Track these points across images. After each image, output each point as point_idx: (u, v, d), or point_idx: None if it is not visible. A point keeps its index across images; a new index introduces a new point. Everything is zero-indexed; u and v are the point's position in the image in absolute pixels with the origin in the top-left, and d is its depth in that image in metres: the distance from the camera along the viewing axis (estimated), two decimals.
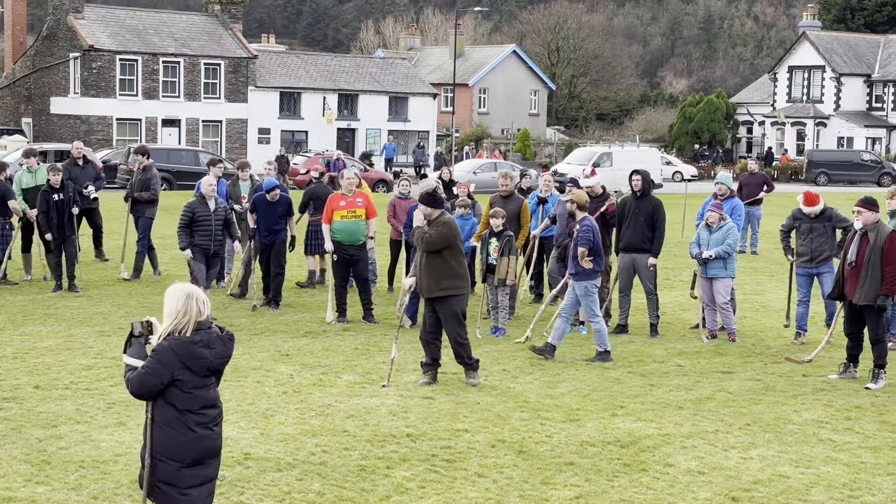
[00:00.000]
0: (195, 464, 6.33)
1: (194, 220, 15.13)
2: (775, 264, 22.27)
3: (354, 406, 10.76)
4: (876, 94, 74.91)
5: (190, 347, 6.22)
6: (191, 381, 6.25)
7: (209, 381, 6.35)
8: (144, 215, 18.58)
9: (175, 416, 6.27)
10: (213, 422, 6.38)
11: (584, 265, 12.84)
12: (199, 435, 6.30)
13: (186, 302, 6.25)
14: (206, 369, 6.29)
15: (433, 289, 11.68)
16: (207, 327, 6.32)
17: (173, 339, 6.24)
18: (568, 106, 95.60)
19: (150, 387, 6.22)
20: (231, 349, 6.40)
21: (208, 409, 6.35)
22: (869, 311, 12.04)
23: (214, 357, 6.30)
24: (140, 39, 55.64)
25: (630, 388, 11.78)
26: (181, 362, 6.21)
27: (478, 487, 8.56)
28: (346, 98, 62.08)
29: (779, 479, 8.91)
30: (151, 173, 18.54)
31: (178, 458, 6.29)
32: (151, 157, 19.15)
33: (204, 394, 6.32)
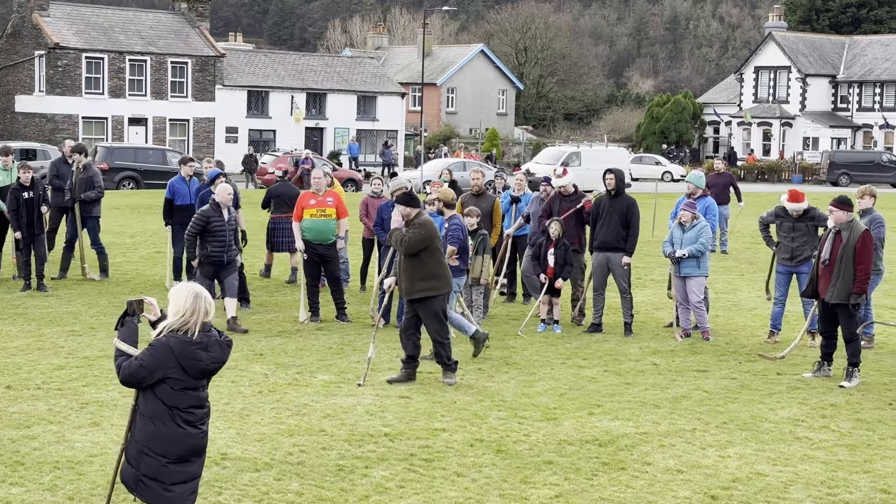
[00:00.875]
0: (181, 460, 6.28)
1: (207, 230, 14.09)
2: (745, 263, 22.37)
3: (331, 405, 10.70)
4: (841, 94, 75.55)
5: (188, 348, 6.17)
6: (182, 380, 6.20)
7: (200, 382, 6.30)
8: (92, 215, 18.13)
9: (163, 411, 6.22)
10: (201, 421, 6.34)
11: (451, 262, 12.74)
12: (186, 432, 6.25)
13: (195, 301, 6.19)
14: (199, 371, 6.25)
15: (411, 290, 11.65)
16: (208, 330, 6.27)
17: (173, 336, 6.19)
18: (536, 106, 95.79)
19: (140, 378, 6.18)
20: (227, 355, 6.38)
21: (196, 408, 6.31)
22: (842, 310, 12.09)
23: (210, 361, 6.25)
24: (106, 37, 55.23)
25: (606, 387, 11.78)
26: (176, 361, 6.15)
27: (457, 487, 8.52)
28: (315, 97, 61.91)
29: (757, 477, 8.93)
30: (93, 171, 18.22)
31: (163, 454, 6.24)
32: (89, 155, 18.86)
33: (193, 394, 6.28)
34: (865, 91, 74.46)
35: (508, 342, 14.01)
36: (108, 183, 40.06)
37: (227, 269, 14.34)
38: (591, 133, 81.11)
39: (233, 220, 14.50)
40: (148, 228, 25.11)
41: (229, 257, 14.35)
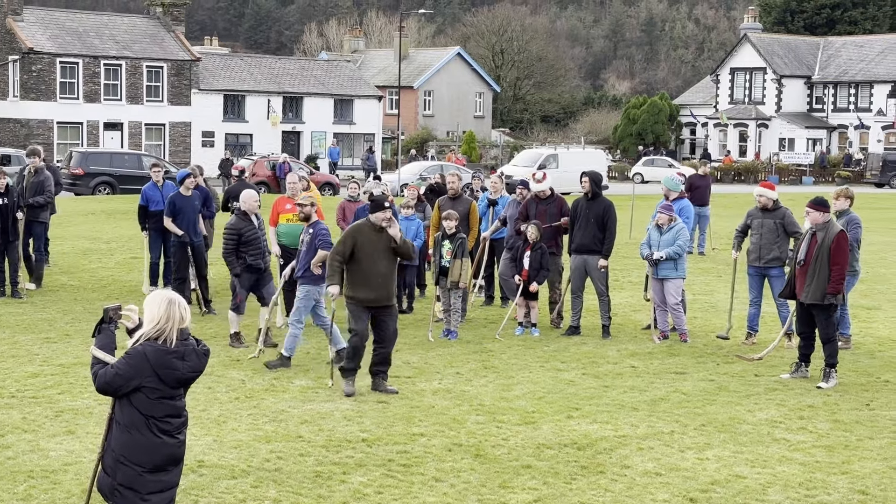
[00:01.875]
0: (157, 469, 6.22)
1: (242, 241, 13.44)
2: (723, 265, 22.41)
3: (308, 411, 10.64)
4: (816, 95, 75.96)
5: (164, 357, 6.10)
6: (158, 389, 6.13)
7: (177, 392, 6.23)
8: (38, 220, 17.59)
9: (139, 419, 6.15)
10: (177, 430, 6.27)
11: (315, 270, 12.41)
12: (162, 441, 6.19)
13: (168, 307, 6.13)
14: (175, 381, 6.17)
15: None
16: (185, 338, 6.20)
17: (149, 345, 6.12)
18: (513, 108, 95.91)
19: (115, 387, 6.12)
20: (204, 364, 6.30)
21: (173, 417, 6.23)
22: (818, 311, 12.12)
23: (186, 370, 6.18)
24: (81, 42, 54.95)
25: (584, 390, 11.76)
26: (153, 370, 6.09)
27: (435, 492, 8.48)
28: (291, 101, 61.79)
29: (735, 479, 8.92)
30: (44, 175, 17.83)
31: (139, 463, 6.18)
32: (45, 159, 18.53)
33: (170, 403, 6.21)
34: (840, 92, 74.89)
35: (486, 346, 13.98)
36: (83, 188, 40.00)
37: (263, 277, 13.71)
38: (569, 135, 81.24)
39: (262, 226, 13.90)
40: (123, 234, 24.96)
41: (265, 263, 13.75)
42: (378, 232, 11.39)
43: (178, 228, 15.98)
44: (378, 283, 11.29)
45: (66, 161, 41.80)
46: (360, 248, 11.28)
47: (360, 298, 11.31)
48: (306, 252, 12.59)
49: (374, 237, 11.36)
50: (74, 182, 40.30)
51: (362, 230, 11.43)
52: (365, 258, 11.28)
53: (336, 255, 11.35)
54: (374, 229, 11.40)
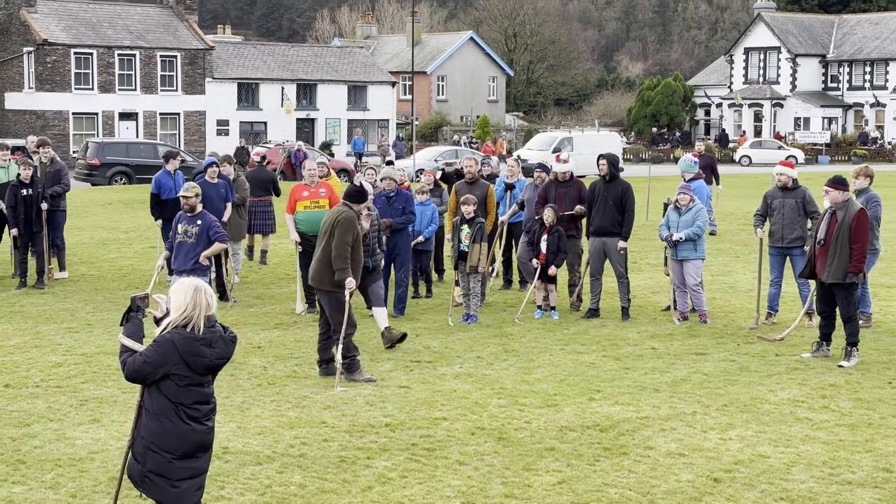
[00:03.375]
0: (186, 456, 6.29)
1: None
2: (741, 245, 22.37)
3: (331, 397, 10.68)
4: (831, 73, 75.57)
5: (192, 344, 6.16)
6: (187, 376, 6.19)
7: (205, 378, 6.30)
8: (59, 209, 17.60)
9: (168, 407, 6.22)
10: (206, 417, 6.34)
11: (203, 262, 12.13)
12: (191, 428, 6.25)
13: (195, 295, 6.20)
14: (204, 368, 6.24)
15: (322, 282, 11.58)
16: (212, 325, 6.25)
17: (177, 332, 6.18)
18: (526, 92, 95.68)
19: (144, 375, 6.19)
20: (232, 350, 6.38)
21: (201, 404, 6.30)
22: (839, 290, 12.10)
23: (214, 357, 6.25)
24: (94, 32, 55.04)
25: (605, 372, 11.78)
26: (181, 357, 6.15)
27: (460, 475, 8.51)
28: (305, 88, 61.77)
29: (759, 458, 8.93)
30: (60, 164, 17.82)
31: (169, 450, 6.24)
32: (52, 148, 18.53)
33: (198, 390, 6.27)
34: (856, 70, 74.48)
35: (506, 329, 14.00)
36: (100, 178, 40.12)
37: (371, 275, 13.00)
38: (582, 118, 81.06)
39: (375, 221, 13.29)
40: (141, 223, 25.04)
41: (374, 262, 13.00)
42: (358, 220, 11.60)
43: None
44: (359, 270, 11.54)
45: (83, 151, 41.90)
46: (356, 239, 11.45)
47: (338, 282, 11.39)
48: (195, 244, 12.04)
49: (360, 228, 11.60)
50: (91, 172, 40.42)
51: (356, 219, 11.52)
52: (357, 247, 11.46)
53: (348, 246, 11.33)
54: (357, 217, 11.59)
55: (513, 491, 8.20)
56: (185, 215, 12.33)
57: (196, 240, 12.08)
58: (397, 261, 14.97)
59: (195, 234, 12.10)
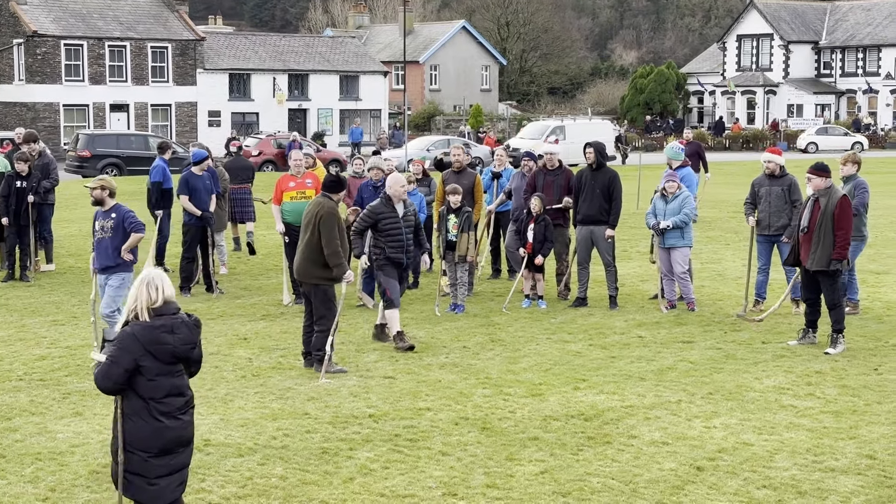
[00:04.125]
0: (164, 453, 6.24)
1: (378, 229, 12.31)
2: (730, 233, 22.35)
3: (315, 388, 10.64)
4: (824, 60, 75.55)
5: (152, 332, 6.12)
6: (154, 367, 6.14)
7: (174, 368, 6.24)
8: (48, 202, 17.52)
9: (141, 405, 6.17)
10: (180, 411, 6.27)
11: (125, 256, 11.43)
12: (164, 425, 6.19)
13: (138, 288, 6.18)
14: (170, 355, 6.19)
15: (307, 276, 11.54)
16: (172, 313, 6.20)
17: (136, 324, 6.15)
18: (519, 81, 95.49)
19: (115, 377, 6.12)
20: (196, 335, 6.33)
21: (174, 397, 6.24)
22: (823, 277, 12.07)
23: (178, 343, 6.19)
24: (84, 24, 54.88)
25: (591, 361, 11.75)
26: (144, 348, 6.10)
27: (442, 466, 8.48)
28: (297, 78, 61.65)
29: (743, 446, 8.91)
30: (48, 158, 17.72)
31: (145, 448, 6.20)
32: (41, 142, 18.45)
33: (169, 381, 6.22)
34: (848, 56, 74.46)
35: (493, 319, 13.96)
36: (90, 170, 39.98)
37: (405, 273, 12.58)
38: (576, 107, 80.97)
39: (410, 215, 12.49)
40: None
41: (408, 259, 12.44)
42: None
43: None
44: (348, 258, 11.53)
45: (73, 143, 41.79)
46: (339, 229, 11.35)
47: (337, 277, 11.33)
48: (112, 238, 11.40)
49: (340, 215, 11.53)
50: (81, 164, 40.33)
51: (336, 210, 11.46)
52: (342, 235, 11.40)
53: (338, 240, 11.27)
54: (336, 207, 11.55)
55: (495, 481, 8.17)
56: (101, 211, 11.60)
57: (112, 234, 11.40)
58: None
59: (111, 229, 11.41)
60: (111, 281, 11.50)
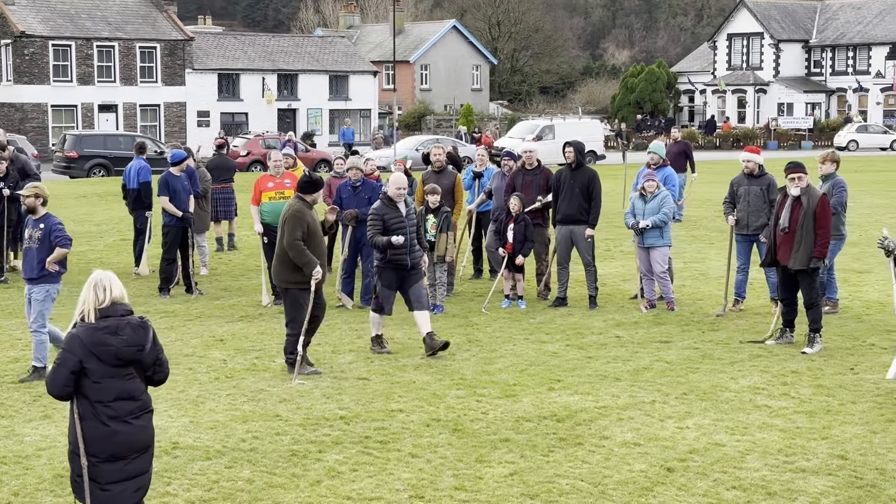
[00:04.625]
0: (116, 458, 6.13)
1: (386, 230, 11.96)
2: (715, 232, 22.30)
3: (287, 390, 10.58)
4: (814, 59, 75.55)
5: (95, 334, 6.04)
6: (99, 369, 6.06)
7: (123, 371, 6.13)
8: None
9: (88, 408, 6.10)
10: (132, 415, 6.15)
11: (51, 268, 10.95)
12: (112, 429, 6.10)
13: (86, 289, 6.11)
14: (113, 357, 6.08)
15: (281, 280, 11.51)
16: (120, 314, 6.12)
17: (81, 325, 6.08)
18: (510, 80, 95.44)
19: (62, 380, 6.05)
20: (143, 337, 6.18)
21: (123, 401, 6.13)
22: (803, 276, 12.02)
23: (122, 345, 6.09)
24: (73, 24, 54.73)
25: (568, 362, 11.69)
26: (88, 350, 6.02)
27: (411, 468, 8.42)
28: (286, 78, 61.52)
29: (714, 447, 8.86)
30: (22, 161, 17.57)
31: (94, 453, 6.11)
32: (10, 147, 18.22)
33: (117, 385, 6.11)
34: (838, 55, 74.46)
35: (472, 319, 13.90)
36: (78, 171, 39.90)
37: (411, 275, 12.09)
38: (567, 106, 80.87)
39: (412, 214, 12.26)
40: (115, 215, 24.86)
41: (413, 260, 12.08)
42: (311, 210, 11.40)
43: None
44: (321, 260, 11.30)
45: (60, 144, 41.66)
46: (309, 228, 11.22)
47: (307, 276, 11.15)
48: (38, 249, 10.97)
49: (313, 216, 11.39)
50: (69, 165, 40.20)
51: (305, 211, 11.29)
52: (311, 238, 11.25)
53: (298, 241, 11.10)
54: (309, 208, 11.39)
55: (463, 483, 8.11)
56: (31, 219, 11.17)
57: (39, 245, 10.95)
58: (364, 251, 14.85)
59: (38, 239, 10.99)
60: (35, 293, 11.04)
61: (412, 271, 12.06)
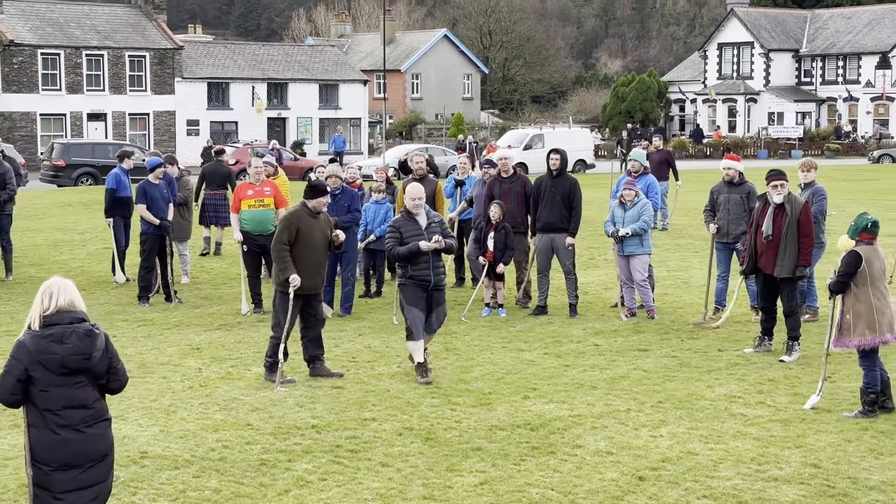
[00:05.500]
0: (69, 467, 6.04)
1: (403, 243, 11.14)
2: (700, 240, 22.24)
3: (260, 399, 10.50)
4: (804, 68, 75.67)
5: (40, 342, 5.96)
6: (45, 378, 5.97)
7: (71, 379, 6.04)
8: (4, 212, 17.33)
9: (37, 416, 6.02)
10: (84, 423, 6.05)
11: None
12: (62, 437, 6.01)
13: (37, 297, 6.03)
14: (59, 366, 5.99)
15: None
16: (67, 322, 6.02)
17: (27, 333, 6.01)
18: (502, 89, 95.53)
19: (8, 388, 5.97)
20: (89, 346, 6.07)
21: (73, 409, 6.03)
22: (786, 284, 11.99)
23: (67, 353, 5.99)
24: (62, 33, 54.64)
25: (544, 370, 11.63)
26: (33, 358, 5.95)
27: (381, 477, 8.35)
28: (276, 87, 61.45)
29: (687, 456, 8.80)
30: (4, 168, 17.57)
31: (45, 461, 6.04)
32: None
33: (65, 393, 6.02)
34: (829, 64, 74.58)
35: (451, 327, 13.81)
36: (65, 179, 39.77)
37: (434, 296, 11.18)
38: (558, 115, 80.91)
39: (435, 226, 11.23)
40: (99, 224, 24.68)
41: (436, 278, 11.12)
42: (314, 218, 11.24)
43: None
44: (313, 270, 11.14)
45: (48, 153, 41.55)
46: (301, 234, 11.10)
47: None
48: None
49: (311, 223, 11.21)
50: (57, 174, 40.07)
51: (301, 216, 11.20)
52: (303, 245, 11.11)
53: (282, 244, 11.03)
54: (311, 215, 11.26)
55: (433, 492, 8.04)
56: None
57: None
58: (343, 259, 14.79)
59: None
60: None
61: (435, 291, 11.14)
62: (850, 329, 9.75)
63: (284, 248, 11.06)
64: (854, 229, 9.87)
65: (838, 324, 9.89)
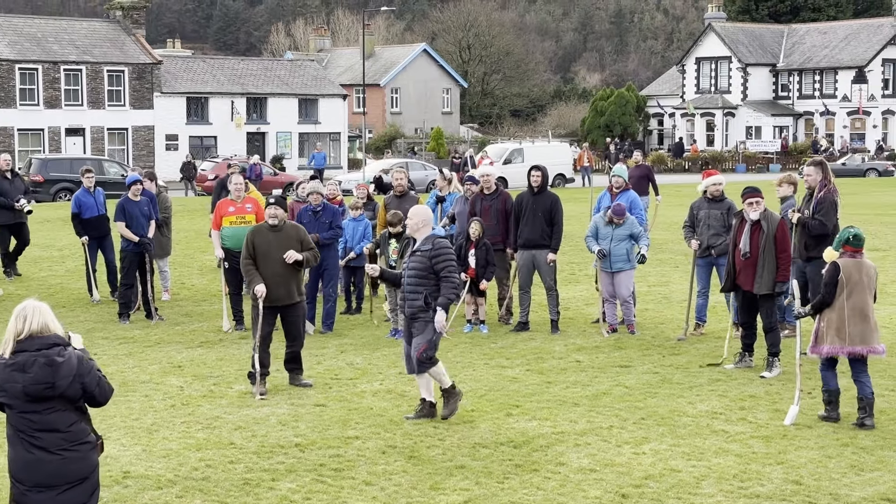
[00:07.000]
0: (44, 487, 6.00)
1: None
2: (680, 255, 22.33)
3: (243, 417, 10.48)
4: (782, 83, 76.17)
5: (5, 370, 5.89)
6: (15, 404, 5.93)
7: (40, 406, 5.94)
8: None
9: (13, 434, 6.00)
10: (58, 447, 5.99)
11: None
12: (36, 457, 5.97)
13: (11, 322, 5.96)
14: (22, 395, 5.90)
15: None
16: (35, 349, 5.92)
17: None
18: (481, 103, 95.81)
19: None
20: (51, 376, 5.92)
21: (47, 433, 5.98)
22: (765, 300, 12.06)
23: (28, 382, 5.88)
24: (40, 48, 54.48)
25: (527, 387, 11.65)
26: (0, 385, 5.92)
27: (364, 496, 8.34)
28: (255, 102, 61.44)
29: (670, 473, 8.83)
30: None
31: (19, 480, 6.01)
32: None
33: (36, 418, 5.94)
34: (805, 79, 75.11)
35: None
36: (44, 195, 39.60)
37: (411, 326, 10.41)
38: (537, 129, 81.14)
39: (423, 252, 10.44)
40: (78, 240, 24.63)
41: (409, 309, 10.34)
42: (273, 232, 11.53)
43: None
44: (275, 281, 11.33)
45: (26, 168, 41.39)
46: (257, 248, 11.42)
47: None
48: None
49: (269, 237, 11.51)
50: (35, 189, 39.84)
51: (259, 230, 11.60)
52: (261, 258, 11.41)
53: (245, 259, 11.48)
54: (269, 229, 11.57)
55: None
56: None
57: None
58: (325, 276, 14.80)
59: None
60: None
61: (412, 321, 10.27)
62: (823, 336, 9.99)
63: (247, 262, 11.49)
64: (838, 241, 10.12)
65: (815, 330, 10.18)
